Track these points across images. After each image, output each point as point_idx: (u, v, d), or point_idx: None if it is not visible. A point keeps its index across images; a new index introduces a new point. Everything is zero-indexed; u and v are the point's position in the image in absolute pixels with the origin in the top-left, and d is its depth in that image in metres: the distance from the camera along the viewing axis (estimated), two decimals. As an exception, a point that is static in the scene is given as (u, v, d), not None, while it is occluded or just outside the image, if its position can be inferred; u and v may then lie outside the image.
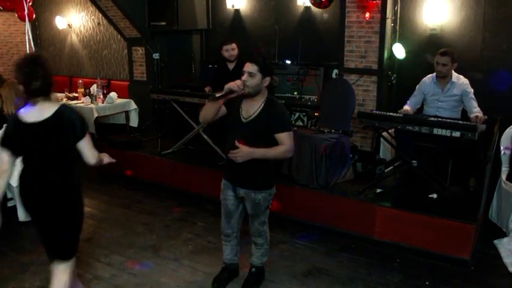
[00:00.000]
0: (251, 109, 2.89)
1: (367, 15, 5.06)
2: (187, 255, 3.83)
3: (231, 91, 2.77)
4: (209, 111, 2.92)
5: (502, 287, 3.42)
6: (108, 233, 4.28)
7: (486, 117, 3.89)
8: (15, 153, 2.59)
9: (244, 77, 2.81)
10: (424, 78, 4.51)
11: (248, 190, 2.97)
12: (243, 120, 2.90)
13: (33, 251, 3.90)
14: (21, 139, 2.57)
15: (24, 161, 2.65)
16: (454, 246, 3.66)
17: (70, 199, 2.67)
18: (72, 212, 2.69)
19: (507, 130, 4.36)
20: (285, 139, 2.85)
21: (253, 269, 3.32)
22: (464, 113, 4.32)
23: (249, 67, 2.82)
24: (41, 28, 8.93)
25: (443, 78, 4.32)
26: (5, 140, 2.58)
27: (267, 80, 2.87)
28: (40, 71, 2.54)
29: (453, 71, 4.31)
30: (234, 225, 3.17)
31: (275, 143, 2.86)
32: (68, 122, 2.57)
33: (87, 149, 2.64)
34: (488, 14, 4.70)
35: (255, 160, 2.84)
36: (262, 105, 2.88)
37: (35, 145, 2.58)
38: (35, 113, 2.56)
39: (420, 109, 4.56)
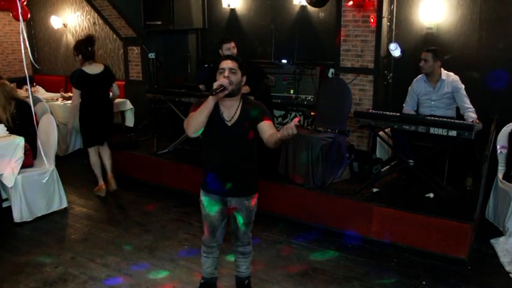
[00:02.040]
0: (231, 110, 2.76)
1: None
2: (183, 256, 3.82)
3: (223, 87, 2.62)
4: (202, 115, 2.63)
5: (498, 286, 3.41)
6: (104, 233, 4.26)
7: (481, 124, 3.87)
8: (82, 92, 4.77)
9: (226, 73, 2.68)
10: (414, 79, 4.53)
11: (241, 198, 2.87)
12: (227, 123, 2.75)
13: (28, 252, 3.88)
14: (87, 83, 4.74)
15: (85, 98, 4.79)
16: (451, 246, 3.65)
17: (111, 113, 5.19)
18: (112, 120, 5.21)
19: (503, 129, 4.36)
20: (271, 127, 2.74)
21: (247, 281, 3.20)
22: (459, 110, 4.32)
23: (230, 63, 2.72)
24: (36, 28, 8.88)
25: (431, 77, 4.35)
26: (76, 85, 4.73)
27: (244, 78, 2.79)
28: (93, 45, 4.79)
29: (442, 69, 4.33)
30: (218, 238, 3.05)
31: (256, 139, 2.83)
32: (110, 74, 5.01)
33: (115, 88, 5.07)
34: (484, 13, 4.70)
35: (247, 165, 2.83)
36: (240, 103, 2.79)
37: (96, 84, 4.79)
38: (92, 68, 4.79)
39: (416, 110, 4.56)
